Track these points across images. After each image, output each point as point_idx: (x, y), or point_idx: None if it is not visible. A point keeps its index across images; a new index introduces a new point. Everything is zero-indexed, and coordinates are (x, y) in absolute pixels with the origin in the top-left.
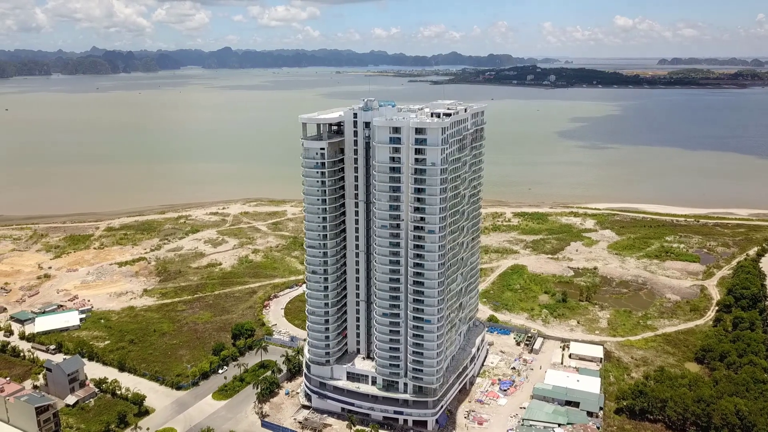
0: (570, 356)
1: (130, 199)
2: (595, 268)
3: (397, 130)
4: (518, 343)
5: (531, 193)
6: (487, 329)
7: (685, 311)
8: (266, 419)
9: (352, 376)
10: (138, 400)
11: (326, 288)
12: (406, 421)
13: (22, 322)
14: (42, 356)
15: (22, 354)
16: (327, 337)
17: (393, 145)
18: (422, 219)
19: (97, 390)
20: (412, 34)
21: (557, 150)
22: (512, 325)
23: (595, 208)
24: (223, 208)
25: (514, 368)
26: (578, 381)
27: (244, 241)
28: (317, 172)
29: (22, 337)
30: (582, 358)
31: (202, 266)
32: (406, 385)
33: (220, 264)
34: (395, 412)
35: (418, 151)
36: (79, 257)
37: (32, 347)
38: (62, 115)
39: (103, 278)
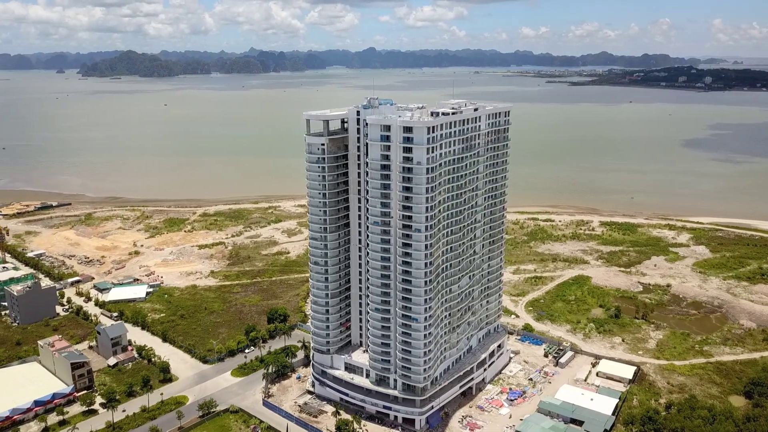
0: (597, 374)
1: (232, 189)
2: (669, 286)
3: (387, 128)
4: (546, 355)
5: (632, 202)
6: (518, 338)
7: (757, 340)
8: (269, 399)
9: (349, 367)
10: (164, 368)
11: (326, 279)
12: (396, 417)
13: (101, 290)
14: (106, 321)
15: (90, 318)
16: (327, 327)
17: (383, 143)
18: (409, 217)
19: (136, 355)
20: (562, 33)
21: (679, 158)
22: (547, 336)
23: (697, 222)
24: None
25: (531, 379)
26: (592, 400)
27: None
28: (318, 167)
29: (96, 303)
30: (609, 377)
31: (271, 253)
32: (396, 381)
33: (288, 252)
34: (385, 407)
35: (405, 150)
36: (168, 238)
37: (101, 313)
38: (206, 110)
39: (182, 258)
